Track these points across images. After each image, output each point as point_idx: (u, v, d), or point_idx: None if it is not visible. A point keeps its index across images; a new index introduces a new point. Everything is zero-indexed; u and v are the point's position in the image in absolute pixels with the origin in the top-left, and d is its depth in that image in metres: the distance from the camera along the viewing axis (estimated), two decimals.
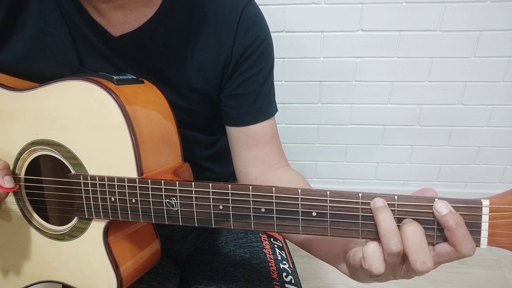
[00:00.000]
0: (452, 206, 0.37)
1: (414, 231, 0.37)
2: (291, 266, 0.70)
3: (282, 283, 0.64)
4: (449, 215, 0.36)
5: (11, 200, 0.56)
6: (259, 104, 0.63)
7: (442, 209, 0.36)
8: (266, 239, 0.74)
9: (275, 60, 0.66)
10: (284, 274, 0.67)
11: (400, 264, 0.39)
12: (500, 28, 1.24)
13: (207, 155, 0.70)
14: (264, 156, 0.64)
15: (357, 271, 0.43)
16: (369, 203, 0.39)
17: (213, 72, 0.60)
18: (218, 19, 0.57)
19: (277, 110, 0.66)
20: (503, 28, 1.24)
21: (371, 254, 0.38)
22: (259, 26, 0.61)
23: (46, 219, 0.56)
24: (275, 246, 0.73)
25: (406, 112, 1.42)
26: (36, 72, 0.56)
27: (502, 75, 1.32)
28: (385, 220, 0.37)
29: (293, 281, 0.66)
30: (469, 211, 0.36)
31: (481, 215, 0.36)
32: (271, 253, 0.70)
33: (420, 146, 1.49)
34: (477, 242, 0.37)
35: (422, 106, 1.40)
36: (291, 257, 0.73)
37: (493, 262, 1.34)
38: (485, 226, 0.36)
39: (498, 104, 1.37)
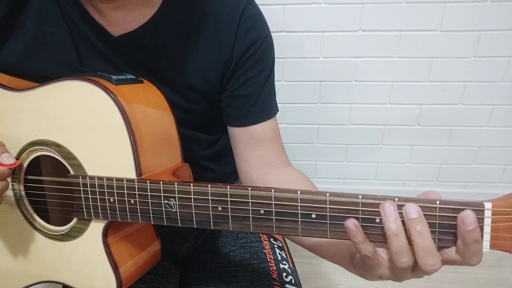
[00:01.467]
0: (453, 209, 0.36)
1: (422, 235, 0.36)
2: (291, 266, 0.70)
3: (282, 283, 0.64)
4: (473, 231, 0.35)
5: (11, 200, 0.56)
6: (260, 104, 0.63)
7: (469, 224, 0.35)
8: (266, 239, 0.74)
9: (275, 60, 0.66)
10: (284, 274, 0.66)
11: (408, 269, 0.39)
12: (500, 28, 1.24)
13: (207, 154, 0.70)
14: (266, 156, 0.64)
15: (366, 273, 0.43)
16: (369, 204, 0.38)
17: (213, 72, 0.60)
18: (219, 20, 0.57)
19: (278, 110, 0.66)
20: (503, 28, 1.24)
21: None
22: (260, 27, 0.61)
23: (46, 220, 0.56)
24: (275, 246, 0.73)
25: (406, 112, 1.42)
26: (36, 72, 0.56)
27: (502, 75, 1.32)
28: (399, 239, 0.37)
29: (293, 281, 0.66)
30: None
31: (483, 218, 0.36)
32: (271, 253, 0.70)
33: (420, 146, 1.49)
34: None
35: (422, 106, 1.40)
36: (291, 257, 0.73)
37: (493, 262, 1.34)
38: (487, 229, 0.36)
39: (498, 104, 1.37)
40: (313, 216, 0.40)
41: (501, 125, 1.41)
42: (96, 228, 0.51)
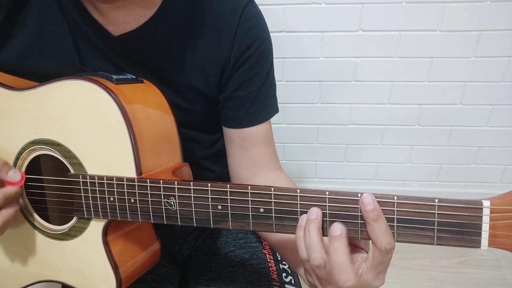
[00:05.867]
0: (452, 207, 0.36)
1: (337, 252, 0.38)
2: None
3: (282, 284, 0.64)
4: (372, 211, 0.37)
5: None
6: (258, 106, 0.63)
7: (367, 204, 0.38)
8: None
9: (275, 60, 0.66)
10: (284, 274, 0.67)
11: (328, 275, 0.40)
12: (500, 28, 1.24)
13: (207, 154, 0.70)
14: (256, 157, 0.64)
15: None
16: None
17: (213, 72, 0.60)
18: (219, 20, 0.57)
19: (277, 111, 0.66)
20: (503, 28, 1.24)
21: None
22: (259, 28, 0.61)
23: (46, 219, 0.56)
24: None
25: (406, 112, 1.42)
26: (37, 71, 0.56)
27: (502, 75, 1.32)
28: (310, 233, 0.39)
29: (292, 282, 0.66)
30: (470, 212, 0.36)
31: (481, 216, 0.36)
32: (270, 254, 0.70)
33: (420, 146, 1.49)
34: (478, 243, 0.37)
35: (422, 106, 1.40)
36: None
37: (492, 262, 1.34)
38: (485, 227, 0.36)
39: (498, 104, 1.37)
40: None
41: (501, 125, 1.41)
42: (96, 227, 0.51)
